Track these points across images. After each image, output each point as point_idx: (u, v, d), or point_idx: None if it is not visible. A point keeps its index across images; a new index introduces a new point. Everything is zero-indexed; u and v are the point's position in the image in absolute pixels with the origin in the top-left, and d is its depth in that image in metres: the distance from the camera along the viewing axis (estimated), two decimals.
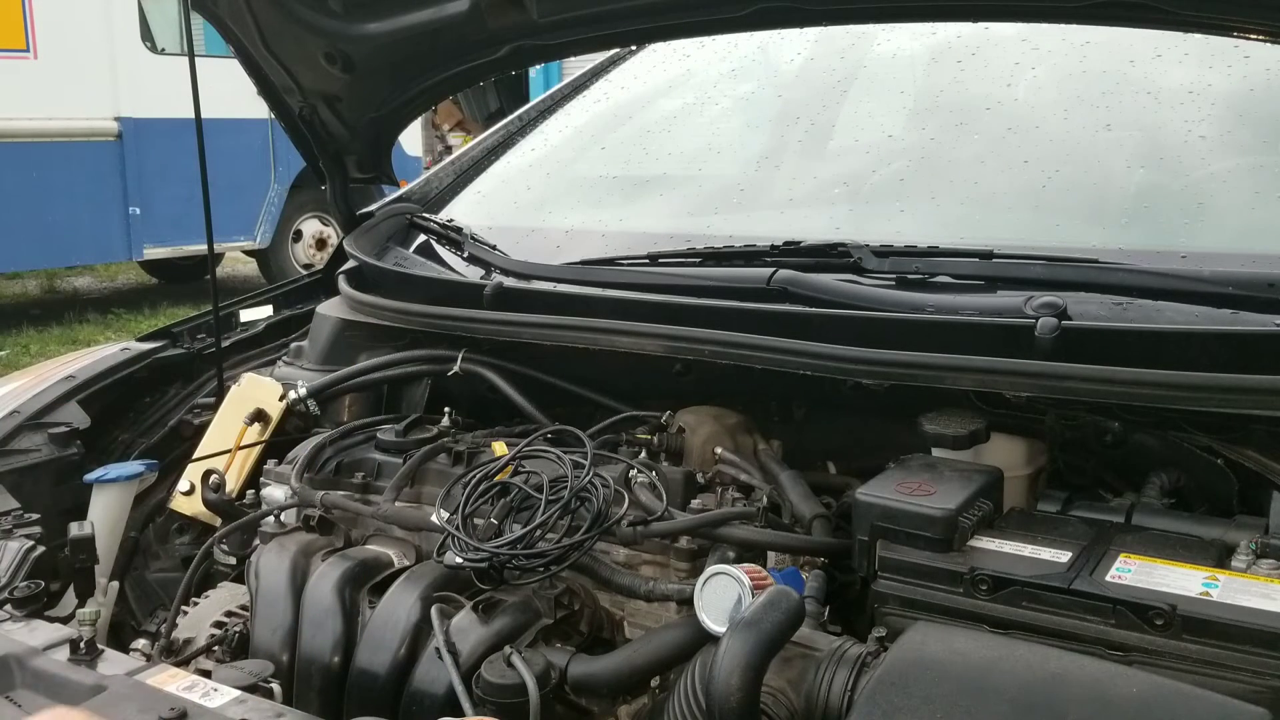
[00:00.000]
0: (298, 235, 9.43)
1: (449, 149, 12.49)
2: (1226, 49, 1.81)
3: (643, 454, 1.63)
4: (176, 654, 1.53)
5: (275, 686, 1.34)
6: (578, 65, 2.85)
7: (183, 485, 1.91)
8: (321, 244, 9.39)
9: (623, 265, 1.87)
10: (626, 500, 1.49)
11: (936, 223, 1.88)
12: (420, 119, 9.44)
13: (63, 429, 1.88)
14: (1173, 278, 1.49)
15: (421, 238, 2.25)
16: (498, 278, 1.93)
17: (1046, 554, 1.24)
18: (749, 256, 1.77)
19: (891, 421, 1.61)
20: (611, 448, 1.66)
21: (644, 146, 2.43)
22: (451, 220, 2.21)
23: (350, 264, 2.17)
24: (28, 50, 7.67)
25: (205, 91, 1.87)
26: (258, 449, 1.90)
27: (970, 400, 1.52)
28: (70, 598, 1.56)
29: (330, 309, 2.10)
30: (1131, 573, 1.19)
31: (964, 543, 1.27)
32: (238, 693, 1.19)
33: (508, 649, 1.31)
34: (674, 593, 1.41)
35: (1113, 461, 1.53)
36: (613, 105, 2.60)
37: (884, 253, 1.67)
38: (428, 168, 6.00)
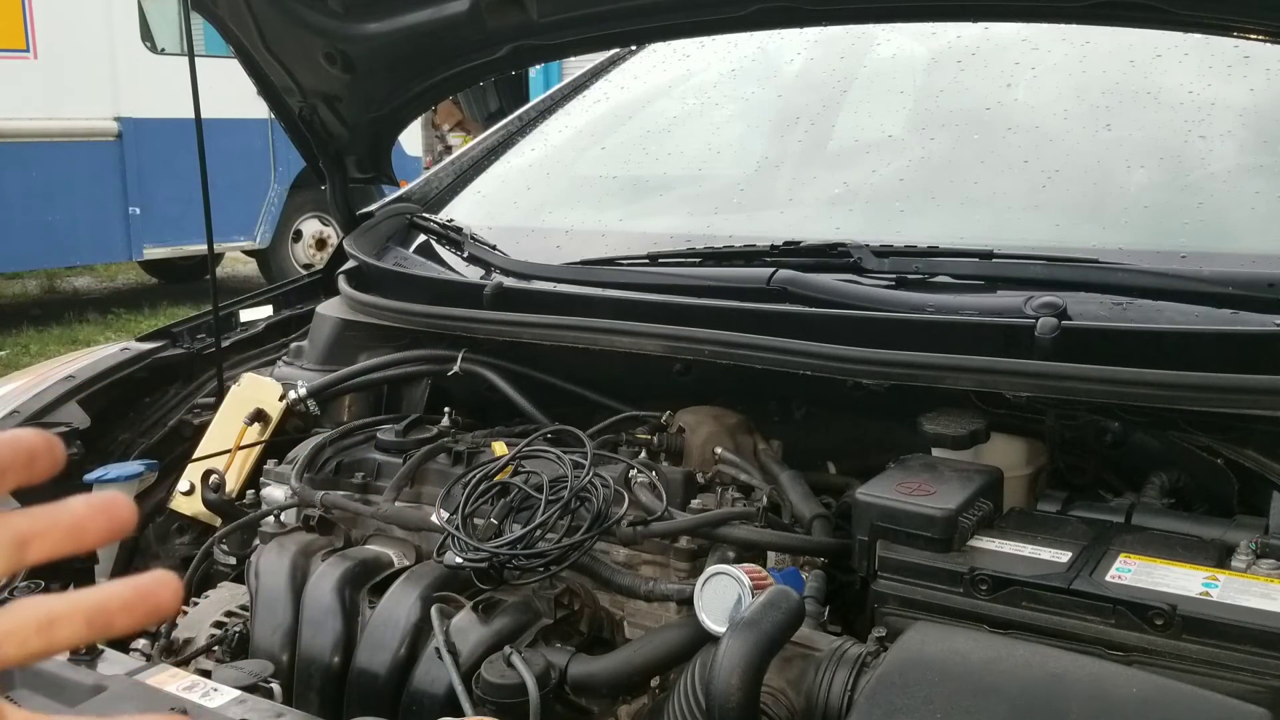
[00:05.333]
0: (298, 235, 9.43)
1: (449, 149, 12.49)
2: (1226, 49, 1.81)
3: (643, 454, 1.63)
4: (176, 654, 1.53)
5: (275, 686, 1.34)
6: (578, 65, 2.85)
7: (183, 485, 1.91)
8: (321, 244, 9.39)
9: (623, 265, 1.87)
10: (626, 500, 1.49)
11: (936, 223, 1.88)
12: (420, 119, 9.44)
13: (63, 429, 1.88)
14: (1173, 278, 1.49)
15: (421, 238, 2.25)
16: (498, 278, 1.92)
17: (1046, 554, 1.24)
18: (749, 256, 1.77)
19: (891, 421, 1.61)
20: (611, 448, 1.66)
21: (644, 147, 2.43)
22: (451, 220, 2.21)
23: (350, 264, 2.17)
24: (28, 50, 7.67)
25: (205, 91, 1.87)
26: (258, 449, 1.90)
27: (970, 400, 1.52)
28: None
29: (330, 309, 2.10)
30: (1131, 573, 1.19)
31: (964, 543, 1.27)
32: (238, 693, 1.19)
33: (508, 649, 1.31)
34: (674, 593, 1.41)
35: (1113, 461, 1.53)
36: (613, 105, 2.60)
37: (884, 253, 1.67)
38: (428, 168, 5.99)
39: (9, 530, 0.47)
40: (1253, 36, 1.51)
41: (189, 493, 1.88)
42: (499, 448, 1.65)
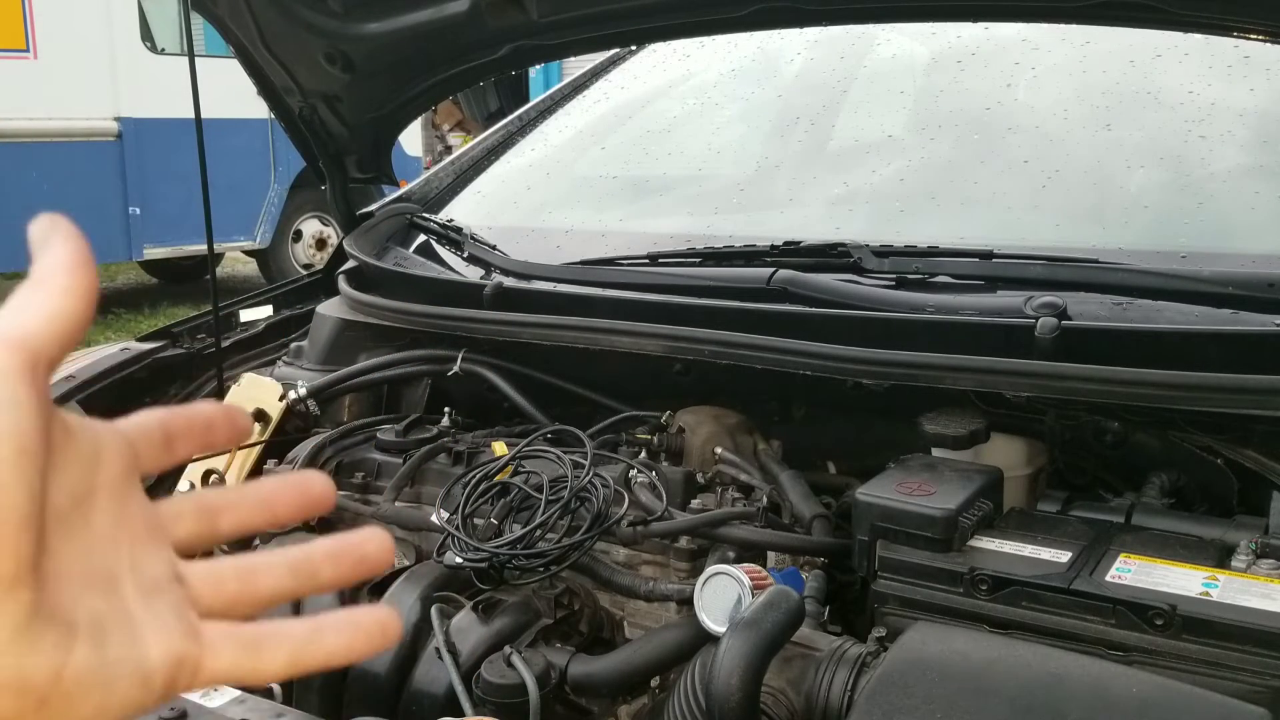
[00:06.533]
0: (298, 235, 9.42)
1: (449, 149, 12.48)
2: (1227, 49, 1.81)
3: (643, 454, 1.63)
4: None
5: (275, 686, 1.34)
6: (578, 65, 2.85)
7: (182, 485, 1.91)
8: (321, 244, 9.38)
9: (623, 265, 1.87)
10: (626, 500, 1.49)
11: (936, 223, 1.88)
12: (420, 119, 9.44)
13: None
14: (1173, 278, 1.49)
15: (421, 238, 2.25)
16: (498, 278, 1.92)
17: (1046, 554, 1.24)
18: (749, 256, 1.77)
19: (891, 421, 1.61)
20: (611, 448, 1.66)
21: (644, 147, 2.43)
22: (451, 220, 2.21)
23: (350, 264, 2.17)
24: (28, 50, 7.66)
25: (205, 91, 1.87)
26: (258, 449, 1.90)
27: (970, 400, 1.52)
28: None
29: (330, 309, 2.10)
30: (1131, 573, 1.19)
31: (964, 543, 1.27)
32: (238, 693, 1.19)
33: (508, 649, 1.31)
34: (674, 593, 1.41)
35: (1113, 461, 1.53)
36: (613, 105, 2.60)
37: (884, 253, 1.67)
38: (428, 168, 5.99)
39: (201, 502, 0.46)
40: (1253, 36, 1.52)
41: (189, 493, 1.88)
42: (499, 448, 1.65)
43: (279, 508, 0.47)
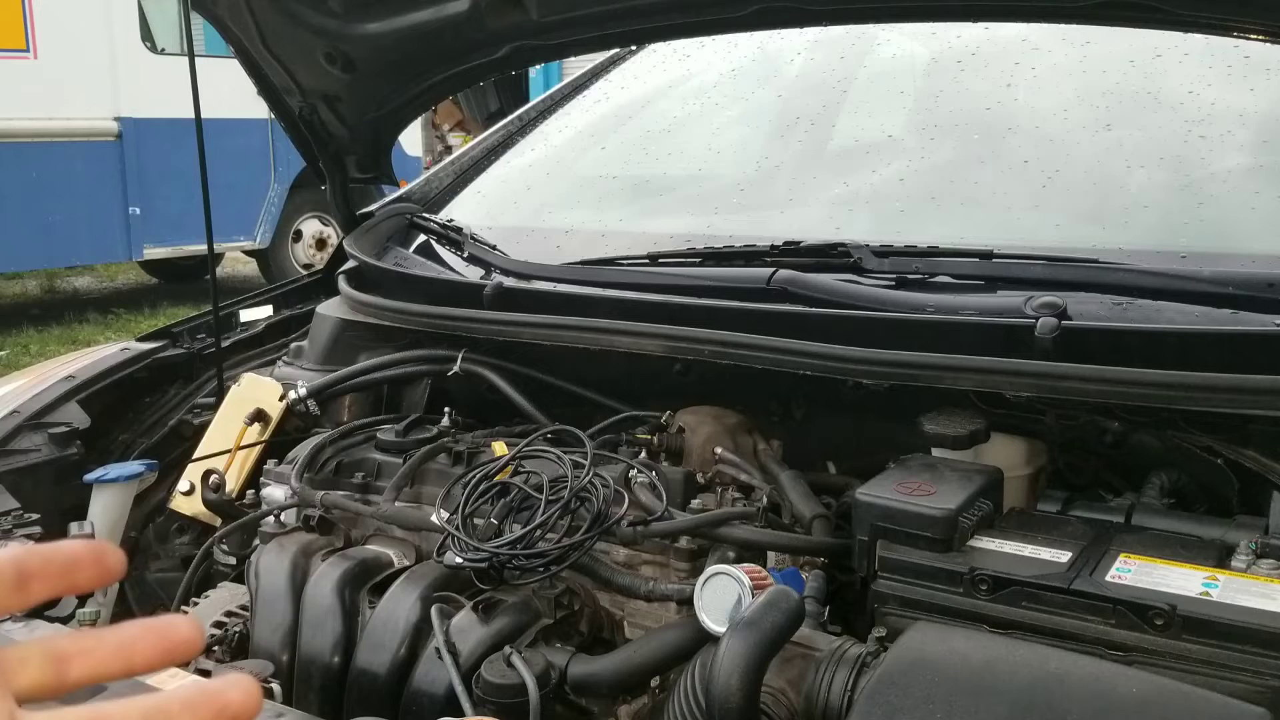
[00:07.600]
0: (298, 235, 9.43)
1: (449, 149, 12.48)
2: (1227, 49, 1.81)
3: (643, 454, 1.63)
4: None
5: (275, 686, 1.34)
6: (578, 65, 2.85)
7: (183, 485, 1.91)
8: (321, 244, 9.39)
9: (623, 265, 1.87)
10: (626, 500, 1.49)
11: (937, 223, 1.89)
12: (420, 119, 9.44)
13: (63, 429, 1.88)
14: (1173, 278, 1.49)
15: (421, 238, 2.25)
16: (498, 278, 1.93)
17: (1046, 554, 1.24)
18: (749, 256, 1.77)
19: (891, 421, 1.61)
20: (611, 448, 1.66)
21: (644, 147, 2.43)
22: (451, 220, 2.21)
23: (350, 264, 2.17)
24: (28, 50, 7.67)
25: (205, 91, 1.87)
26: (258, 449, 1.90)
27: (970, 400, 1.52)
28: (70, 598, 1.56)
29: (330, 309, 2.10)
30: (1131, 573, 1.19)
31: (964, 543, 1.27)
32: None
33: (508, 649, 1.31)
34: (674, 593, 1.41)
35: (1113, 461, 1.53)
36: (613, 105, 2.61)
37: (884, 253, 1.67)
38: (428, 168, 6.00)
39: (50, 647, 0.44)
40: (1253, 36, 1.51)
41: (189, 493, 1.88)
42: (499, 448, 1.65)
43: (137, 655, 0.45)
